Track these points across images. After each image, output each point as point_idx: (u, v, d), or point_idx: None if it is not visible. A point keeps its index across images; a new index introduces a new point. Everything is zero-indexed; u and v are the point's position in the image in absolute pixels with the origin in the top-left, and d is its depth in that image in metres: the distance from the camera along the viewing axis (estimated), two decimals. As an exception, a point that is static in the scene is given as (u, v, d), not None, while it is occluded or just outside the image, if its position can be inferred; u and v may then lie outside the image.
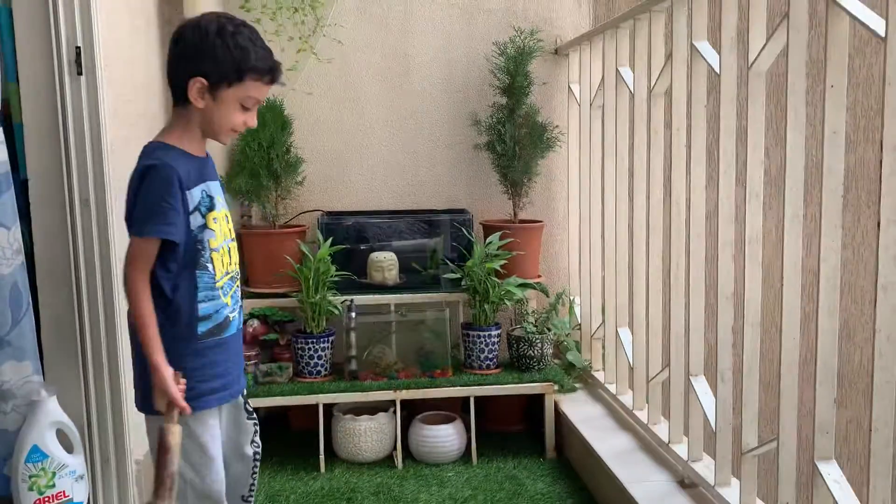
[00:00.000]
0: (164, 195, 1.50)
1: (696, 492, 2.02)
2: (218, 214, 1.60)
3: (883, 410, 1.34)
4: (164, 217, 1.49)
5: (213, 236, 1.58)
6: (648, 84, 2.32)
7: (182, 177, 1.52)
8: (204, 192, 1.57)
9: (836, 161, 1.46)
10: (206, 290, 1.56)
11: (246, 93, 1.55)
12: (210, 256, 1.57)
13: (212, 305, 1.58)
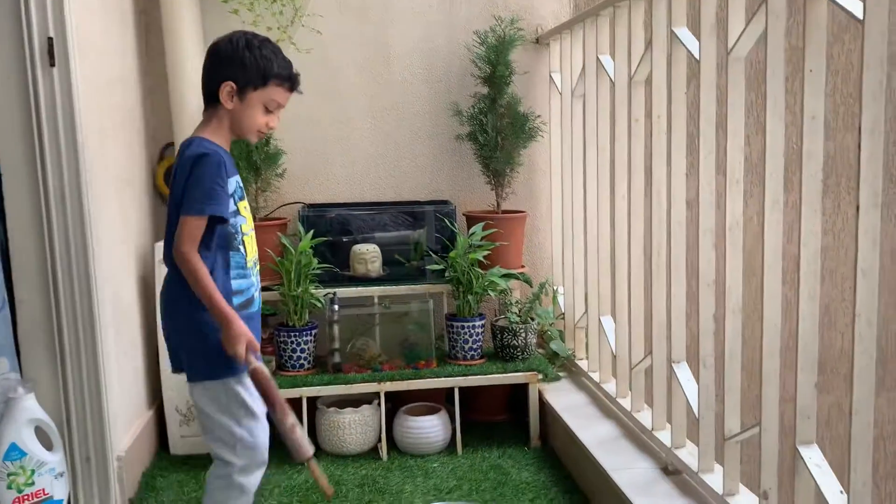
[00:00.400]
0: (216, 179, 1.71)
1: (680, 478, 2.03)
2: (246, 204, 1.84)
3: (863, 394, 1.34)
4: (218, 198, 1.71)
5: (245, 222, 1.81)
6: (629, 72, 2.32)
7: (226, 165, 1.75)
8: (237, 182, 1.80)
9: (816, 146, 1.46)
10: (238, 269, 1.78)
11: (269, 96, 1.79)
12: (242, 239, 1.79)
13: (244, 283, 1.80)
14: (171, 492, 2.41)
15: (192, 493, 2.41)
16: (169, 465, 2.62)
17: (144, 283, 2.73)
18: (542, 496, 2.31)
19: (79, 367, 2.16)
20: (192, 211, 1.69)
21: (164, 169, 2.99)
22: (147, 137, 2.93)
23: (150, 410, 2.72)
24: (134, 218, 2.69)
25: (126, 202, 2.61)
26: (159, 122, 2.98)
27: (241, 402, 1.77)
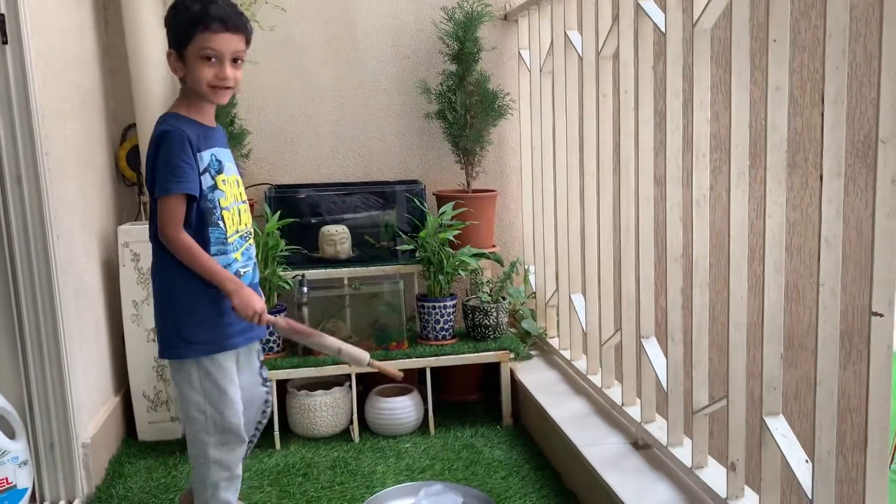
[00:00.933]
0: (179, 155, 1.69)
1: (650, 452, 2.04)
2: (227, 178, 1.79)
3: (827, 364, 1.35)
4: (184, 175, 1.69)
5: (223, 196, 1.77)
6: (596, 47, 2.30)
7: (192, 140, 1.71)
8: (213, 155, 1.76)
9: (780, 117, 1.46)
10: (217, 245, 1.76)
11: (200, 46, 1.70)
12: (221, 215, 1.76)
13: (223, 259, 1.77)
14: (140, 478, 2.38)
15: (161, 478, 2.37)
16: (137, 451, 2.58)
17: (108, 268, 2.68)
18: (514, 474, 2.31)
19: (40, 353, 2.12)
20: (161, 192, 1.70)
21: (125, 151, 2.92)
22: (108, 118, 2.86)
23: (117, 397, 2.67)
24: (95, 201, 2.63)
25: (87, 184, 2.55)
26: (121, 103, 2.91)
27: (213, 381, 1.79)
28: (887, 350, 1.22)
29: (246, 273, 1.84)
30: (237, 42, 1.74)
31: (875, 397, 1.24)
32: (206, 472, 1.84)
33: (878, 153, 1.18)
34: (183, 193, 1.69)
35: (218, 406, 1.80)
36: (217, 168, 1.77)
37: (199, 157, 1.73)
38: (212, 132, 1.81)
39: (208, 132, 1.79)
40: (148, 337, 2.63)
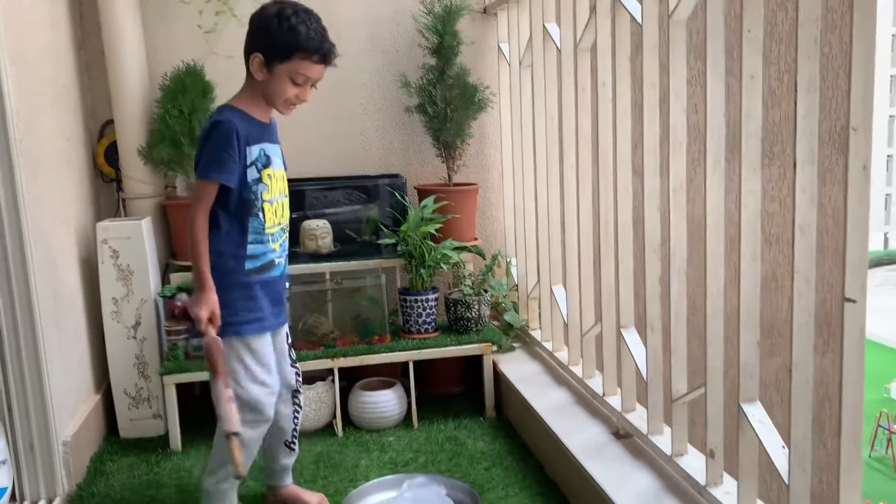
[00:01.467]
0: (225, 147, 1.78)
1: (631, 441, 2.05)
2: (273, 172, 1.88)
3: (802, 350, 1.37)
4: (224, 165, 1.79)
5: (267, 189, 1.86)
6: (574, 39, 2.31)
7: (241, 133, 1.80)
8: (262, 150, 1.86)
9: (755, 106, 1.47)
10: (255, 234, 1.86)
11: (295, 69, 1.81)
12: (262, 206, 1.85)
13: (260, 248, 1.87)
14: (122, 475, 2.37)
15: (144, 476, 2.36)
16: (119, 448, 2.57)
17: (88, 266, 2.66)
18: (497, 464, 2.32)
19: (17, 352, 2.10)
20: (201, 174, 1.81)
21: (103, 147, 2.90)
22: (85, 114, 2.84)
23: (98, 395, 2.66)
24: (74, 198, 2.61)
25: (64, 182, 2.53)
26: (98, 99, 2.89)
27: (242, 361, 1.88)
28: (860, 335, 1.24)
29: (280, 263, 1.94)
30: (323, 71, 1.88)
31: (848, 382, 1.25)
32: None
33: (850, 140, 1.19)
34: (217, 182, 1.79)
35: (246, 385, 1.88)
36: (264, 162, 1.86)
37: (248, 150, 1.83)
38: (265, 127, 1.90)
39: (261, 127, 1.88)
40: (128, 334, 2.61)
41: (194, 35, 2.92)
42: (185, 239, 2.74)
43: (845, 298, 1.23)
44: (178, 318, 2.61)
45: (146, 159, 2.77)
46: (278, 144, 1.96)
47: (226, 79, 2.96)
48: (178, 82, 2.68)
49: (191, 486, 2.27)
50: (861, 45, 1.17)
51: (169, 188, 2.92)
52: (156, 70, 2.88)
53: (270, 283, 1.92)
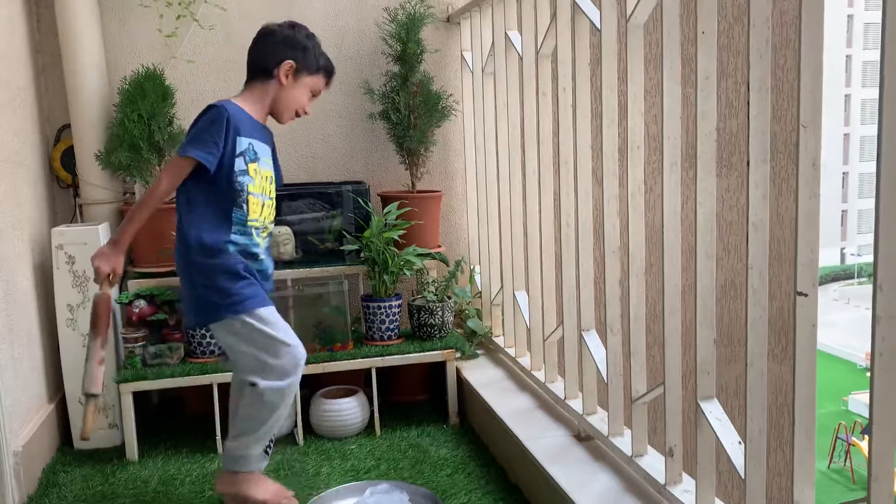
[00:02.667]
0: (211, 129, 1.85)
1: (592, 444, 2.06)
2: (259, 169, 1.95)
3: (756, 344, 1.39)
4: (204, 144, 1.84)
5: (252, 182, 1.92)
6: (535, 46, 2.33)
7: (234, 122, 1.87)
8: (251, 144, 1.93)
9: (710, 106, 1.50)
10: (238, 225, 1.90)
11: (316, 84, 2.02)
12: (247, 198, 1.91)
13: (243, 238, 1.92)
14: (75, 486, 2.31)
15: (98, 486, 2.30)
16: (73, 459, 2.50)
17: (42, 272, 2.60)
18: (459, 471, 2.31)
19: (-34, 357, 2.04)
20: (180, 150, 1.88)
21: (59, 152, 2.84)
22: (41, 118, 2.79)
23: (52, 404, 2.59)
24: (28, 202, 2.55)
25: (18, 185, 2.48)
26: (54, 103, 2.84)
27: (261, 332, 1.89)
28: (812, 328, 1.26)
29: (264, 260, 2.00)
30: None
31: (801, 374, 1.27)
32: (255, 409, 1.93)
33: (800, 137, 1.22)
34: (193, 159, 1.83)
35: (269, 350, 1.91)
36: (252, 156, 1.93)
37: (238, 140, 1.89)
38: (259, 127, 1.99)
39: (255, 125, 1.97)
40: (84, 342, 2.55)
41: (154, 39, 2.89)
42: (144, 245, 2.71)
43: (797, 292, 1.26)
44: (135, 324, 2.56)
45: (104, 164, 2.72)
46: (271, 149, 2.04)
47: (186, 83, 2.94)
48: (138, 86, 2.64)
49: (147, 497, 2.23)
50: (809, 44, 1.20)
51: (127, 194, 2.87)
52: (115, 74, 2.85)
53: (256, 273, 1.94)
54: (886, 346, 1.08)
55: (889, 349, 1.08)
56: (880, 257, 1.07)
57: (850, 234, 36.04)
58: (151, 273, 2.68)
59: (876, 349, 1.08)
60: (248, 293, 1.90)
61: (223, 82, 3.00)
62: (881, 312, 1.07)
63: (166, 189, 1.86)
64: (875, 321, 1.07)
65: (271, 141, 2.07)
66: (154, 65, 2.72)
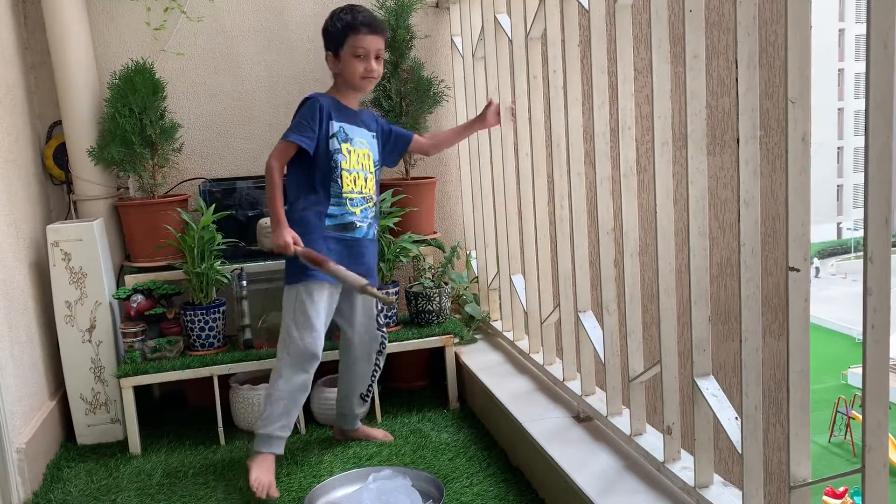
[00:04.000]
0: (307, 117, 2.18)
1: (591, 424, 2.08)
2: (353, 148, 2.23)
3: (750, 320, 1.40)
4: (301, 130, 2.17)
5: (345, 160, 2.21)
6: (525, 29, 2.33)
7: (325, 109, 2.19)
8: (342, 127, 2.22)
9: (699, 86, 1.50)
10: (335, 197, 2.20)
11: (353, 45, 2.17)
12: (340, 174, 2.20)
13: (338, 209, 2.21)
14: (79, 481, 2.32)
15: (102, 481, 2.32)
16: (76, 455, 2.51)
17: (38, 270, 2.60)
18: (461, 455, 2.32)
19: (-34, 356, 2.04)
20: (283, 135, 2.19)
21: (52, 149, 2.84)
22: (32, 116, 2.78)
23: (53, 401, 2.60)
24: (22, 200, 2.55)
25: (12, 183, 2.47)
26: (45, 100, 2.83)
27: (303, 309, 2.18)
28: (804, 303, 1.27)
29: (361, 227, 2.25)
30: (379, 42, 2.21)
31: (794, 348, 1.28)
32: (271, 381, 2.21)
33: (788, 112, 1.22)
34: (293, 143, 2.15)
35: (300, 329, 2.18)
36: (344, 137, 2.21)
37: (331, 123, 2.19)
38: (351, 113, 2.26)
39: (347, 111, 2.25)
40: (83, 338, 2.56)
41: (143, 33, 2.88)
42: (140, 240, 2.71)
43: (789, 268, 1.26)
44: (134, 318, 2.57)
45: (97, 160, 2.72)
46: (368, 132, 2.30)
47: (176, 76, 2.94)
48: (128, 81, 2.63)
49: (152, 490, 2.24)
50: (797, 16, 1.21)
51: (121, 189, 2.87)
52: (104, 69, 2.84)
53: (349, 242, 2.23)
54: (878, 317, 1.09)
55: (881, 321, 1.09)
56: (870, 230, 1.08)
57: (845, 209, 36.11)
58: (149, 267, 2.68)
59: (868, 321, 1.09)
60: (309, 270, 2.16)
61: (213, 74, 2.99)
62: (872, 284, 1.08)
63: (278, 169, 2.16)
64: (866, 293, 1.08)
65: (373, 122, 2.35)
66: (143, 59, 2.71)
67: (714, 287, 3.35)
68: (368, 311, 2.34)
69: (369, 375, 2.41)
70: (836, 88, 35.41)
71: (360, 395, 2.42)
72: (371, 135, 2.32)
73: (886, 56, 1.03)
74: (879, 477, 1.12)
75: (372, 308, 2.34)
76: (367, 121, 2.34)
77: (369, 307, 2.34)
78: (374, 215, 2.31)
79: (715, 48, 3.37)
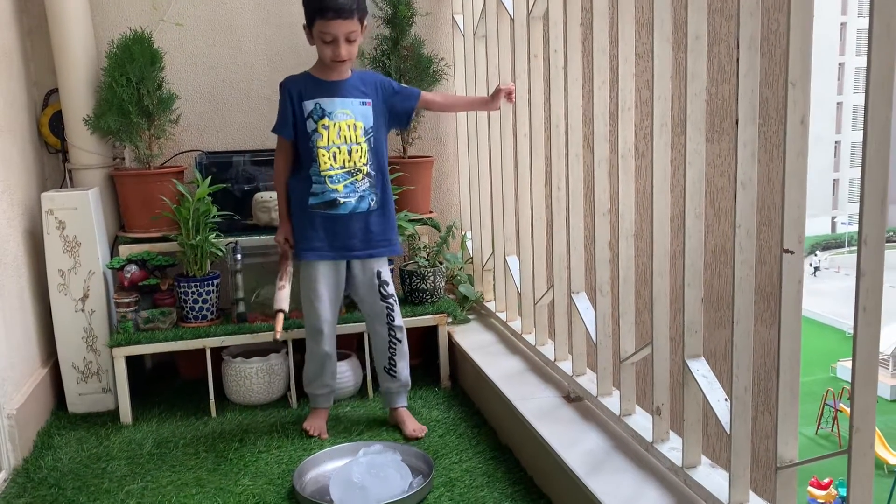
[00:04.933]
0: (280, 106, 2.25)
1: (581, 404, 2.09)
2: (332, 122, 2.22)
3: (743, 303, 1.40)
4: (280, 121, 2.26)
5: (321, 138, 2.21)
6: (527, 7, 2.32)
7: (295, 91, 2.23)
8: (317, 104, 2.22)
9: (700, 67, 1.49)
10: (315, 176, 2.24)
11: (319, 30, 2.14)
12: (317, 153, 2.22)
13: (319, 188, 2.24)
14: (70, 449, 2.32)
15: (93, 449, 2.32)
16: (67, 423, 2.52)
17: (32, 237, 2.59)
18: (451, 432, 2.34)
19: (-42, 321, 2.04)
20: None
21: (48, 117, 2.82)
22: (28, 82, 2.76)
23: (45, 368, 2.60)
24: (17, 167, 2.54)
25: (7, 149, 2.46)
26: (41, 68, 2.81)
27: (305, 286, 2.33)
28: (798, 285, 1.28)
29: (346, 202, 2.25)
30: (349, 25, 2.12)
31: (785, 331, 1.29)
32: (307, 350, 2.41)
33: (788, 95, 1.22)
34: (278, 134, 2.27)
35: (308, 301, 2.34)
36: (319, 114, 2.21)
37: (303, 104, 2.21)
38: (330, 86, 2.23)
39: (321, 85, 2.23)
40: (76, 307, 2.56)
41: (142, 2, 2.86)
42: (134, 210, 2.71)
43: (783, 250, 1.27)
44: (127, 289, 2.57)
45: (93, 129, 2.70)
46: (355, 99, 2.25)
47: (174, 47, 2.92)
48: (126, 50, 2.61)
49: (142, 459, 2.25)
50: (799, 1, 1.20)
51: (117, 159, 2.85)
52: (102, 37, 2.81)
53: (334, 218, 2.25)
54: (870, 300, 1.09)
55: (872, 303, 1.09)
56: (866, 212, 1.08)
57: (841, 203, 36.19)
58: (143, 238, 2.68)
59: (860, 303, 1.10)
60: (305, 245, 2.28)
61: (212, 46, 2.97)
62: (866, 267, 1.09)
63: (281, 165, 2.29)
64: (859, 275, 1.08)
65: (370, 86, 2.29)
66: (142, 28, 2.69)
67: (708, 274, 3.35)
68: (369, 282, 2.35)
69: (386, 349, 2.39)
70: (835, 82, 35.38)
71: (385, 369, 2.40)
72: (360, 101, 2.26)
73: (890, 37, 1.03)
74: (865, 458, 1.14)
75: (373, 279, 2.34)
76: (358, 86, 2.27)
77: (370, 279, 2.34)
78: (368, 186, 2.28)
79: (717, 35, 3.36)
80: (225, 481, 2.08)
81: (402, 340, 2.39)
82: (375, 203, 2.30)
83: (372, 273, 2.34)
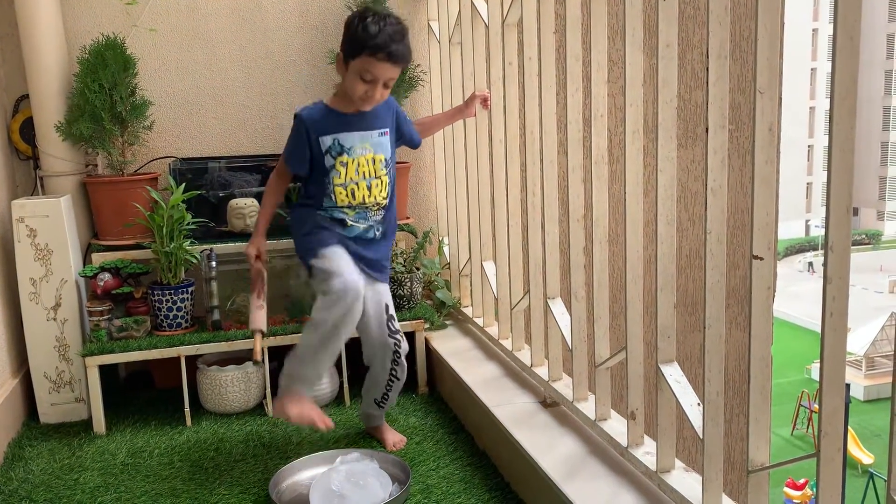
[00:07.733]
0: (293, 141, 2.13)
1: (557, 410, 2.10)
2: (351, 159, 2.10)
3: (714, 308, 1.42)
4: (292, 155, 2.14)
5: (338, 175, 2.10)
6: (502, 15, 2.33)
7: (311, 127, 2.09)
8: (336, 140, 2.09)
9: (671, 74, 1.51)
10: (329, 208, 2.13)
11: (362, 66, 1.98)
12: (333, 189, 2.11)
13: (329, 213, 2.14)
14: (41, 460, 2.29)
15: (65, 459, 2.29)
16: (39, 434, 2.48)
17: (2, 245, 2.56)
18: (428, 438, 2.33)
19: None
20: (282, 156, 2.18)
21: (18, 123, 2.78)
22: (-2, 89, 2.73)
23: (16, 378, 2.56)
24: (-14, 175, 2.51)
25: (-25, 157, 2.43)
26: (11, 73, 2.78)
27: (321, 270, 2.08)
28: (767, 291, 1.29)
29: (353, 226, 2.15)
30: (394, 71, 2.02)
31: (756, 336, 1.30)
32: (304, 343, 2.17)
33: (756, 102, 1.24)
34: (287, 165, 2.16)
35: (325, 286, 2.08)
36: (338, 151, 2.09)
37: (321, 140, 2.08)
38: (350, 119, 2.10)
39: (341, 119, 2.09)
40: (48, 316, 2.52)
41: (114, 7, 2.83)
42: (108, 218, 2.68)
43: (753, 256, 1.28)
44: (101, 298, 2.54)
45: (65, 135, 2.67)
46: (375, 131, 2.13)
47: (148, 53, 2.90)
48: (98, 56, 2.59)
49: (115, 469, 2.22)
50: (768, 7, 1.22)
51: (90, 166, 2.82)
52: (74, 43, 2.79)
53: (355, 239, 2.15)
54: (836, 305, 1.11)
55: (838, 309, 1.11)
56: (832, 219, 1.10)
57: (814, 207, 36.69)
58: (116, 246, 2.65)
59: (826, 309, 1.11)
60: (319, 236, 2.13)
61: (186, 52, 2.95)
62: (832, 273, 1.10)
63: (275, 183, 2.22)
64: (826, 281, 1.10)
65: (387, 113, 2.17)
66: (115, 34, 2.67)
67: (682, 279, 3.38)
68: (378, 317, 2.18)
69: (384, 384, 2.25)
70: (808, 87, 35.91)
71: (375, 400, 2.29)
72: (379, 132, 2.15)
73: (853, 47, 1.05)
74: (833, 462, 1.15)
75: (382, 314, 2.19)
76: (378, 114, 2.15)
77: (379, 313, 2.19)
78: (378, 219, 2.19)
79: (689, 41, 3.40)
80: (200, 491, 2.06)
81: (402, 378, 2.26)
82: (380, 234, 2.21)
83: (380, 307, 2.19)
